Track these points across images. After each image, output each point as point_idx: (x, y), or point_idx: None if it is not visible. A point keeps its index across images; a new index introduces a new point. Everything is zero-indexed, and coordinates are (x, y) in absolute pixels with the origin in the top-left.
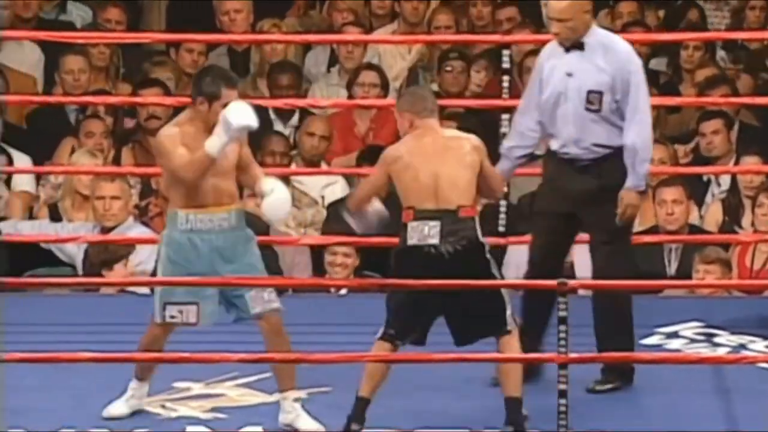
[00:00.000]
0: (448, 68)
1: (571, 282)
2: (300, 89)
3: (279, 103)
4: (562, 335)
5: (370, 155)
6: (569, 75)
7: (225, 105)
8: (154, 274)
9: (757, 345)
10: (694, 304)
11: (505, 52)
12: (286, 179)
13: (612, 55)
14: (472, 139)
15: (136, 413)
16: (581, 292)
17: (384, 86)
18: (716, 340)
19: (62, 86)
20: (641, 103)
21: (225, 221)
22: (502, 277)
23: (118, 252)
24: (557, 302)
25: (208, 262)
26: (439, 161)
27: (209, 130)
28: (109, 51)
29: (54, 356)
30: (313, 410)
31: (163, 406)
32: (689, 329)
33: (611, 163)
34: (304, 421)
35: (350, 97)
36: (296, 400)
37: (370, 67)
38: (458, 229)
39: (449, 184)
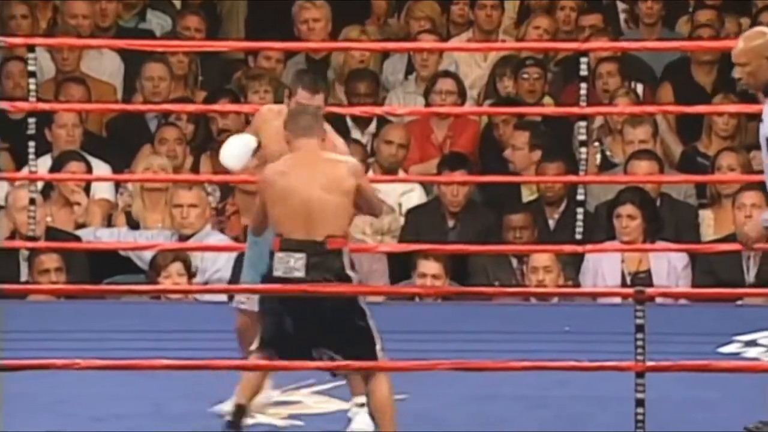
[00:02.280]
0: (525, 75)
1: (649, 290)
2: (377, 97)
3: (356, 110)
4: (640, 343)
5: (450, 163)
6: (761, 121)
7: (298, 104)
8: (232, 282)
9: None
10: None
11: (583, 59)
12: None
13: None
14: (350, 163)
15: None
16: (658, 300)
17: (461, 94)
18: None
19: (142, 94)
20: None
21: None
22: (371, 313)
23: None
24: (635, 310)
25: None
26: (311, 187)
27: None
28: (187, 59)
29: (132, 363)
30: None
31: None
32: None
33: None
34: (357, 422)
35: (427, 104)
36: (360, 405)
37: (447, 74)
38: (324, 262)
39: (319, 212)
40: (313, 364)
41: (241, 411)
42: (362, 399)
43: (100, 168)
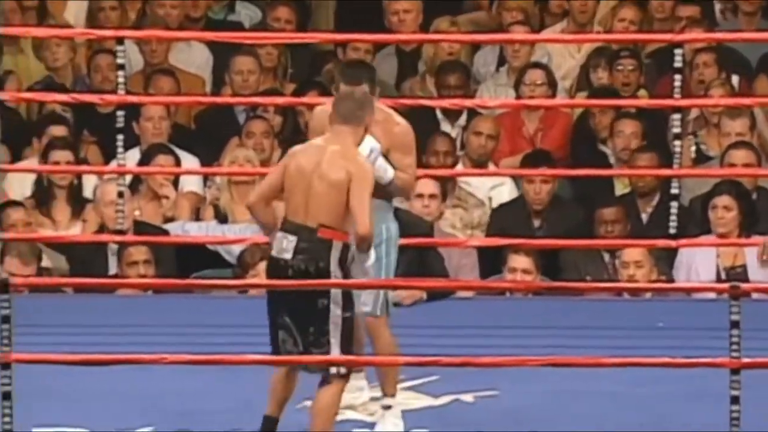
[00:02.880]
0: (619, 67)
1: (744, 285)
2: (468, 89)
3: (445, 103)
4: (735, 340)
5: (533, 160)
6: None
7: None
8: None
9: None
10: None
11: (677, 51)
12: (451, 180)
13: None
14: (353, 165)
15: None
16: (754, 295)
17: (551, 85)
18: None
19: (231, 87)
20: None
21: None
22: (341, 319)
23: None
24: (730, 306)
25: None
26: (313, 173)
27: None
28: (277, 51)
29: (220, 358)
30: (481, 414)
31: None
32: None
33: None
34: (381, 425)
35: (518, 97)
36: (386, 407)
37: (537, 65)
38: (310, 249)
39: (315, 199)
40: (402, 360)
41: (268, 423)
42: (389, 401)
43: (189, 161)
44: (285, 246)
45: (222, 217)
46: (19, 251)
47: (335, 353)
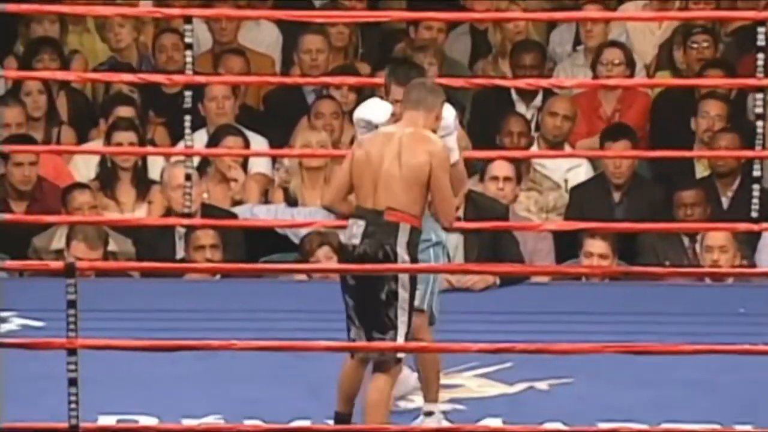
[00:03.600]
0: (694, 45)
1: None
2: (543, 69)
3: (520, 83)
4: None
5: (612, 133)
6: None
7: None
8: None
9: None
10: None
11: (760, 29)
12: (526, 162)
13: None
14: (432, 145)
15: None
16: None
17: (629, 65)
18: None
19: (300, 66)
20: None
21: None
22: (408, 303)
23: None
24: None
25: None
26: (383, 157)
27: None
28: (348, 30)
29: (289, 344)
30: (556, 402)
31: (401, 397)
32: None
33: None
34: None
35: (595, 77)
36: (428, 414)
37: (614, 44)
38: (377, 232)
39: (385, 182)
40: (475, 347)
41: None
42: (431, 407)
43: (257, 142)
44: (354, 231)
45: (291, 201)
46: (85, 235)
47: (401, 339)
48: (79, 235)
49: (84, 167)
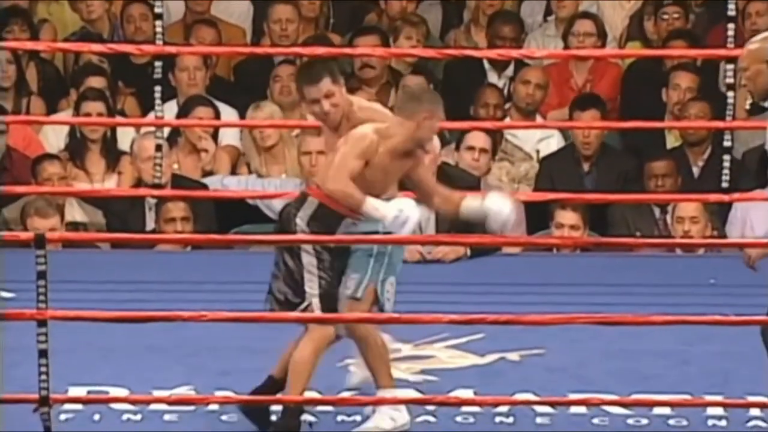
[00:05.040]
0: (664, 16)
1: None
2: (520, 41)
3: (492, 53)
4: None
5: (581, 103)
6: None
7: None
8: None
9: None
10: None
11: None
12: (498, 133)
13: None
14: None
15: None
16: None
17: (600, 36)
18: None
19: (270, 36)
20: None
21: None
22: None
23: None
24: None
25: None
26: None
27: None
28: (318, 1)
29: (260, 315)
30: (527, 373)
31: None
32: None
33: None
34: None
35: (566, 47)
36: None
37: (586, 15)
38: (294, 201)
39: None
40: (446, 318)
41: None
42: (384, 393)
43: (228, 113)
44: None
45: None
46: (35, 207)
47: (316, 307)
48: (31, 209)
49: (54, 138)
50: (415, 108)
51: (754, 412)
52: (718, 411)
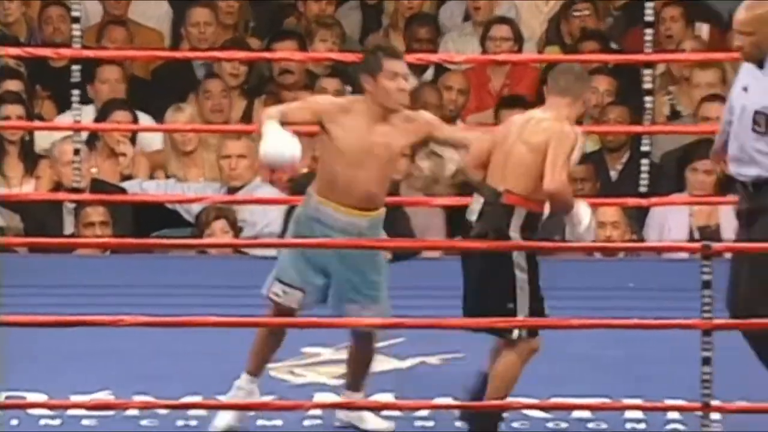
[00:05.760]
0: (575, 13)
1: (716, 245)
2: (437, 43)
3: (411, 58)
4: (707, 300)
5: (507, 102)
6: (744, 90)
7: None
8: (281, 236)
9: None
10: None
11: (648, 3)
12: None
13: None
14: (560, 129)
15: (265, 379)
16: (727, 255)
17: (517, 40)
18: None
19: (188, 40)
20: None
21: (353, 226)
22: (526, 283)
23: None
24: (701, 266)
25: (325, 257)
26: (522, 139)
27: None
28: (237, 4)
29: (179, 320)
30: (447, 377)
31: (292, 372)
32: None
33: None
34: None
35: (483, 51)
36: None
37: (503, 20)
38: (491, 213)
39: (513, 165)
40: (366, 321)
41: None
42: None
43: (145, 119)
44: (473, 207)
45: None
46: None
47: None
48: None
49: None
50: (582, 87)
51: (672, 415)
52: (637, 414)
